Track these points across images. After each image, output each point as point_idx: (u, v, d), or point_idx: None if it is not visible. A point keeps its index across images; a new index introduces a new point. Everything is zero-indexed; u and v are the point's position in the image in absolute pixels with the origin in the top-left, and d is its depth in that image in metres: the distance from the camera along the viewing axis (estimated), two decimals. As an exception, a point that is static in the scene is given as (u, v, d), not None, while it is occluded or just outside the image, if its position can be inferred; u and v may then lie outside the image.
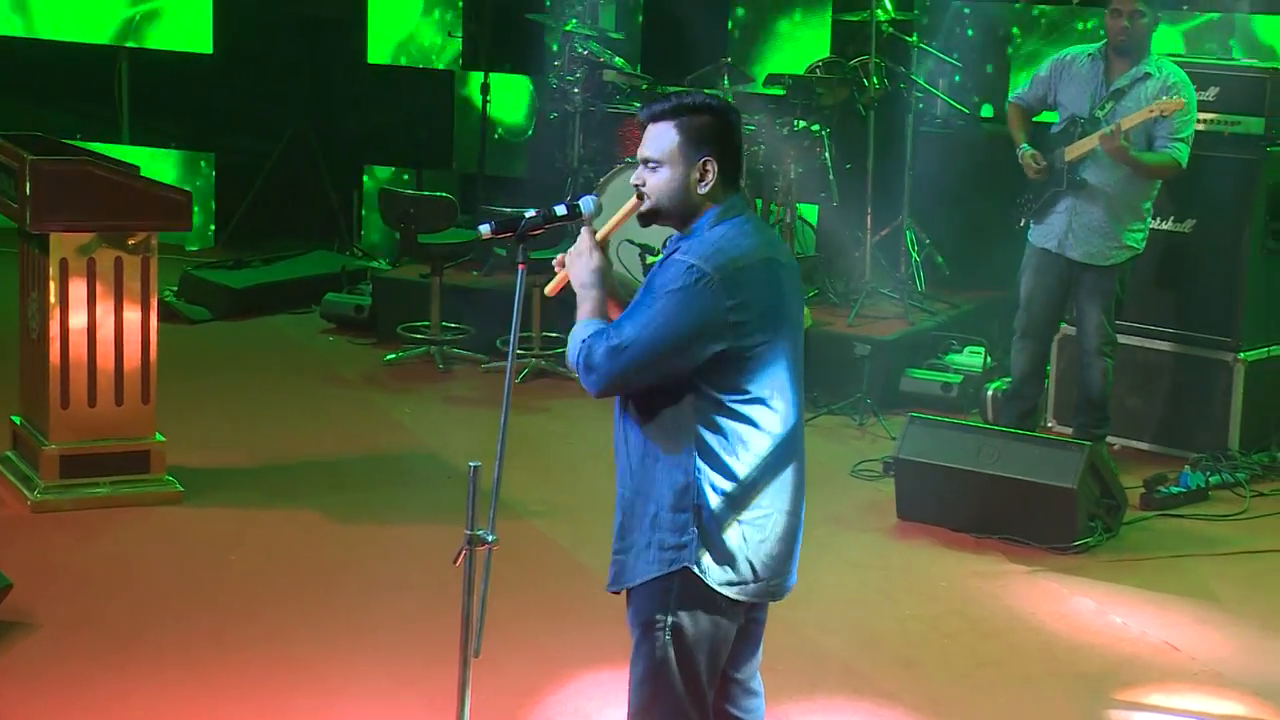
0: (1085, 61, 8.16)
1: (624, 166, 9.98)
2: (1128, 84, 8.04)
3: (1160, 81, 8.00)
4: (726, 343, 4.21)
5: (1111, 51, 8.10)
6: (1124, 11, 8.01)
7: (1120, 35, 8.03)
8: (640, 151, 4.38)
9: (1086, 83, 8.13)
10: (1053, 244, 8.18)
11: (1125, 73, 8.05)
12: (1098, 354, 8.22)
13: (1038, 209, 8.24)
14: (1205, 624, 6.75)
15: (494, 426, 8.93)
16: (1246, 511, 7.98)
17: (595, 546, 7.29)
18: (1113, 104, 8.02)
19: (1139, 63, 8.05)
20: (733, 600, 4.35)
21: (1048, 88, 8.28)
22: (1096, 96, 8.08)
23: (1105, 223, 8.09)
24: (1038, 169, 8.12)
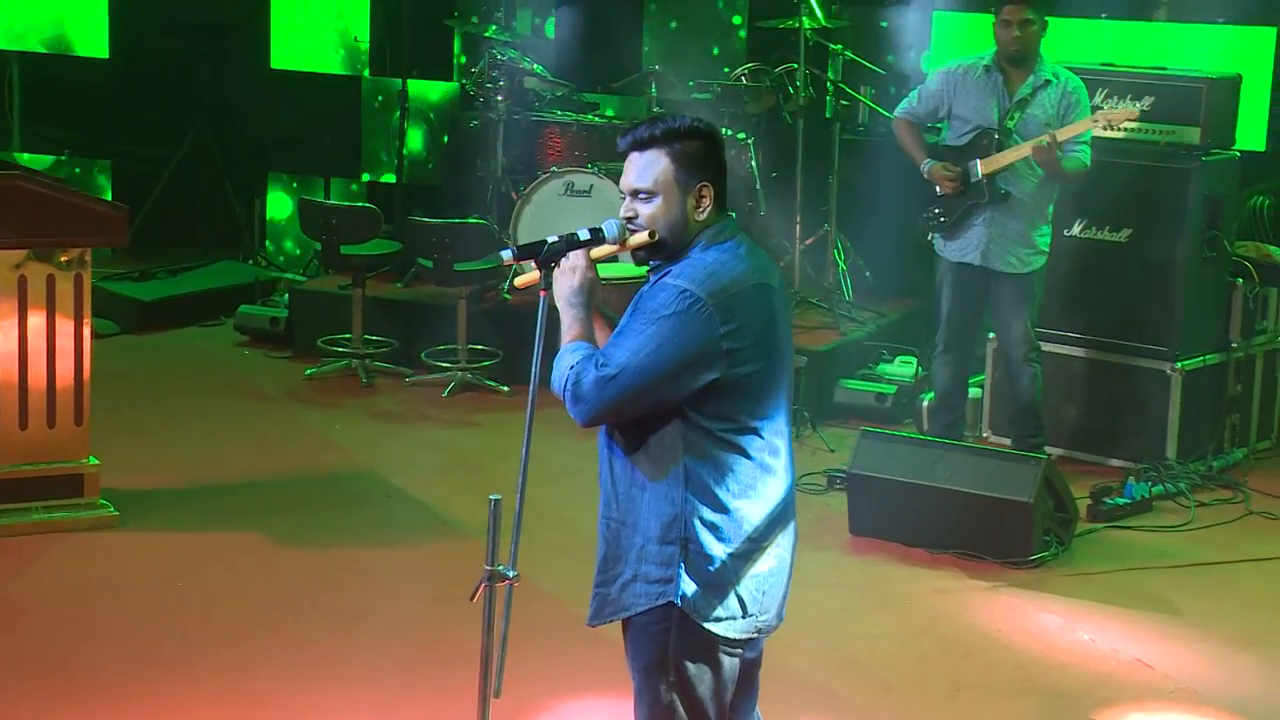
0: (980, 72, 8.13)
1: (549, 176, 9.87)
2: (1029, 93, 8.03)
3: (1061, 88, 8.02)
4: (720, 371, 4.08)
5: (1005, 61, 8.08)
6: (1014, 20, 8.00)
7: (1013, 44, 8.02)
8: (626, 181, 4.21)
9: (987, 94, 8.10)
10: (973, 257, 8.16)
11: (1024, 81, 8.04)
12: (1025, 361, 8.22)
13: (952, 223, 8.20)
14: (1171, 639, 6.74)
15: (427, 442, 9.00)
16: (1191, 522, 8.00)
17: (553, 571, 7.21)
18: (1019, 114, 8.02)
19: (1035, 70, 8.05)
20: (729, 637, 4.24)
21: (940, 101, 8.23)
22: (1002, 108, 8.06)
23: (1023, 231, 8.10)
24: (954, 182, 8.09)
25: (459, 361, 9.73)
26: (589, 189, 9.78)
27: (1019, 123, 8.01)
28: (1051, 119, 7.97)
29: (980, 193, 8.06)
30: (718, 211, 4.22)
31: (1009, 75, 8.08)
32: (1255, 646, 6.70)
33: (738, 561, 4.20)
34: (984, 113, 8.10)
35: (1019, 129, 8.00)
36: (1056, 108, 7.97)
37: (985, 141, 8.07)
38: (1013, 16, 7.99)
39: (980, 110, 8.11)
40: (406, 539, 7.57)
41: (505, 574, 4.34)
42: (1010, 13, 8.00)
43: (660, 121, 4.21)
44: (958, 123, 8.19)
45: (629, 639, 4.30)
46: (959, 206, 8.14)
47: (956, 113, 8.18)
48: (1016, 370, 8.26)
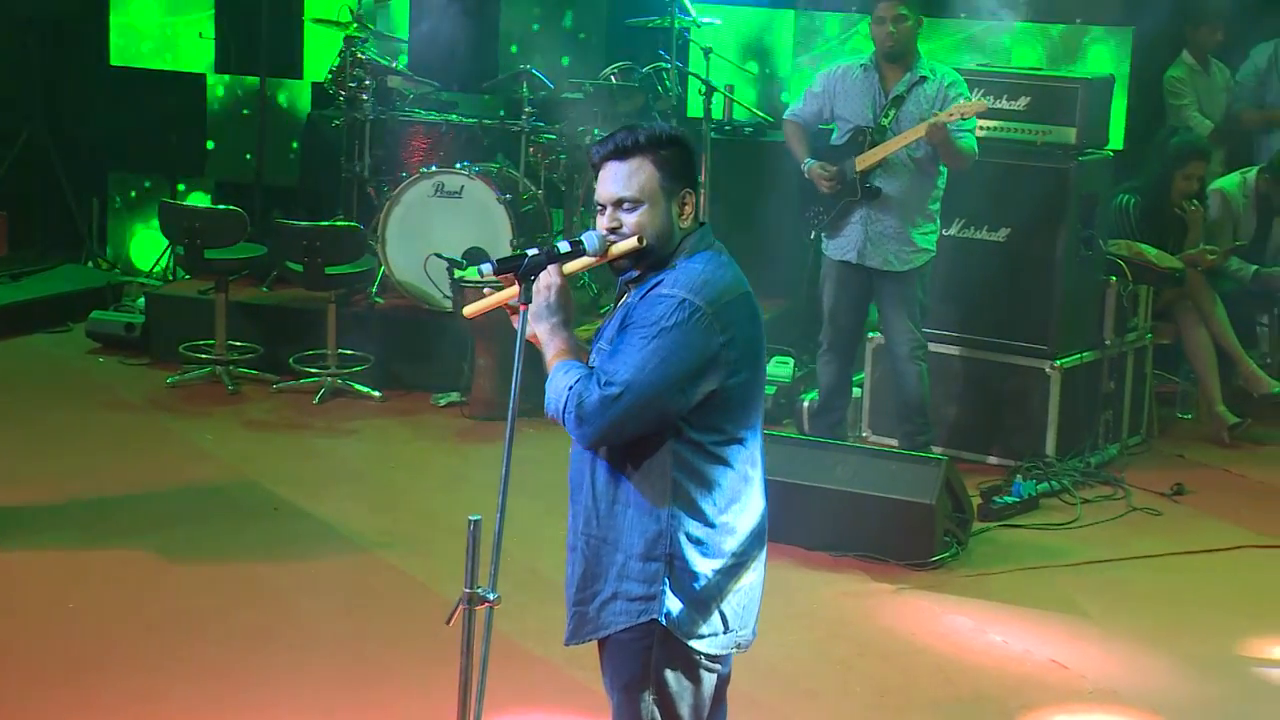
0: (859, 73, 8.17)
1: (419, 177, 9.70)
2: (905, 90, 8.08)
3: (938, 83, 8.08)
4: (718, 381, 4.03)
5: (882, 59, 8.13)
6: (888, 18, 8.05)
7: (888, 41, 8.07)
8: (608, 191, 4.11)
9: (864, 93, 8.14)
10: (851, 255, 8.19)
11: (900, 79, 8.09)
12: (910, 360, 8.26)
13: (831, 221, 8.22)
14: (1080, 639, 6.79)
15: (305, 451, 8.81)
16: (1078, 520, 8.08)
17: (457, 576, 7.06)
18: (895, 111, 8.06)
19: (911, 67, 8.10)
20: (711, 653, 4.18)
21: (823, 102, 8.27)
22: (877, 106, 8.10)
23: (899, 228, 8.13)
24: (830, 181, 8.11)
25: (329, 367, 9.54)
26: (460, 190, 9.63)
27: (893, 120, 8.04)
28: (928, 114, 8.00)
29: (854, 190, 8.08)
30: (695, 218, 4.15)
31: (885, 73, 8.11)
32: (1162, 645, 6.78)
33: (721, 577, 4.14)
34: (861, 112, 8.12)
35: (893, 126, 8.03)
36: (934, 103, 8.02)
37: (861, 140, 8.10)
38: (886, 13, 8.03)
39: (858, 110, 8.13)
40: (304, 553, 7.38)
41: (485, 596, 4.19)
42: (884, 10, 8.04)
43: (639, 129, 4.13)
44: (840, 123, 8.22)
45: (607, 657, 4.22)
46: (836, 205, 8.17)
47: (838, 113, 8.21)
48: (902, 368, 8.29)
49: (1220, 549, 7.81)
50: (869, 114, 8.07)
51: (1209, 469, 8.91)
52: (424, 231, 9.64)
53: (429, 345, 9.65)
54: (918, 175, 8.05)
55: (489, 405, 9.23)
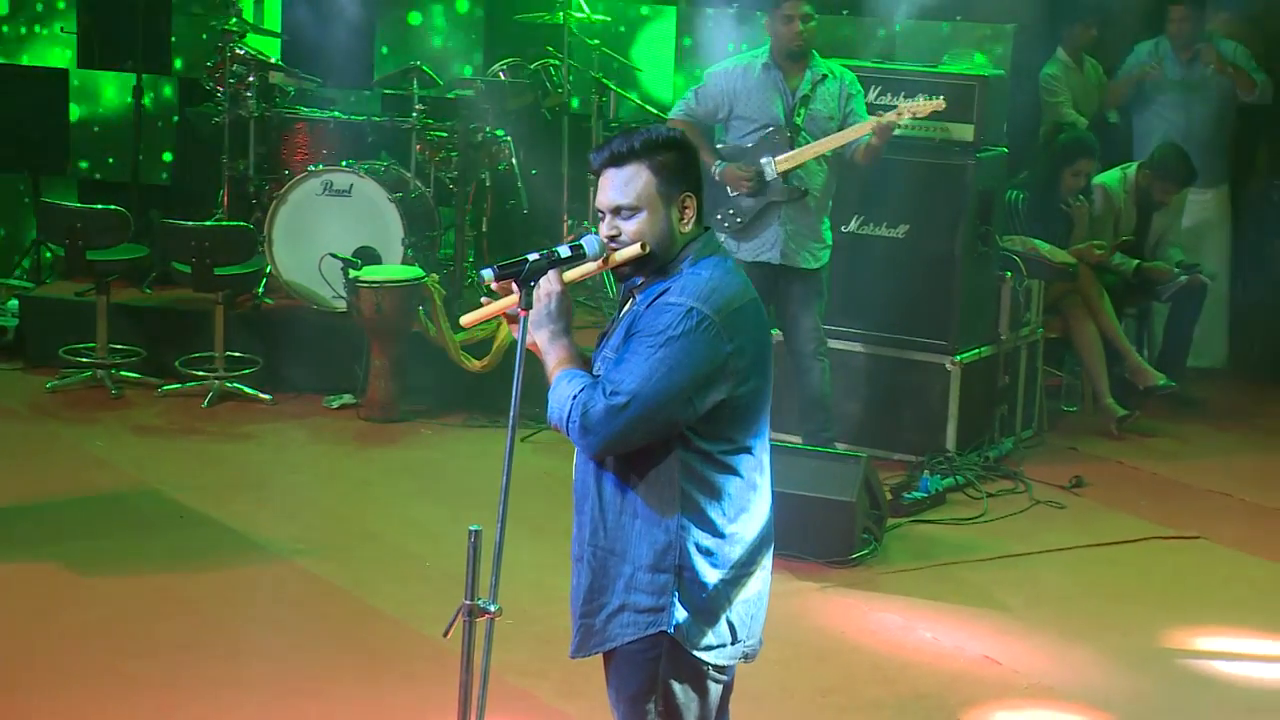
0: (760, 71, 8.12)
1: (306, 175, 9.54)
2: (810, 88, 8.08)
3: (839, 81, 8.11)
4: (727, 390, 3.98)
5: (783, 57, 8.10)
6: (796, 15, 8.04)
7: (796, 40, 8.05)
8: (608, 199, 4.05)
9: (770, 91, 8.10)
10: (773, 255, 8.14)
11: (803, 77, 8.09)
12: (814, 357, 8.26)
13: (747, 223, 8.18)
14: (1007, 634, 6.85)
15: (201, 456, 8.62)
16: (985, 514, 8.15)
17: (380, 586, 6.98)
18: (805, 109, 8.06)
19: (809, 66, 8.11)
20: (719, 664, 4.15)
21: (720, 102, 8.18)
22: (787, 104, 8.09)
23: (814, 226, 8.15)
24: (750, 182, 8.08)
25: (216, 370, 9.33)
26: (349, 188, 9.48)
27: (805, 119, 8.04)
28: (834, 113, 8.04)
29: (777, 190, 8.06)
30: (697, 223, 4.10)
31: (788, 71, 8.09)
32: (1088, 639, 6.85)
33: (729, 587, 4.10)
34: (769, 110, 8.08)
35: (806, 125, 8.04)
36: (838, 101, 8.04)
37: (777, 139, 8.07)
38: (794, 11, 8.02)
39: (764, 108, 8.09)
40: (218, 562, 7.21)
41: (486, 608, 4.10)
42: (792, 8, 8.02)
43: (635, 134, 4.07)
44: (740, 122, 8.14)
45: (614, 669, 4.16)
46: (754, 207, 8.13)
47: (739, 113, 8.13)
48: (805, 365, 8.29)
49: (1127, 541, 7.92)
50: (779, 113, 8.04)
51: (1103, 461, 9.03)
52: (312, 231, 9.48)
53: (319, 347, 9.50)
54: (829, 173, 8.08)
55: (385, 407, 9.11)
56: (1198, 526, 8.12)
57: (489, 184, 9.69)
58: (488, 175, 9.67)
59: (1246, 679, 6.61)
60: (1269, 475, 8.94)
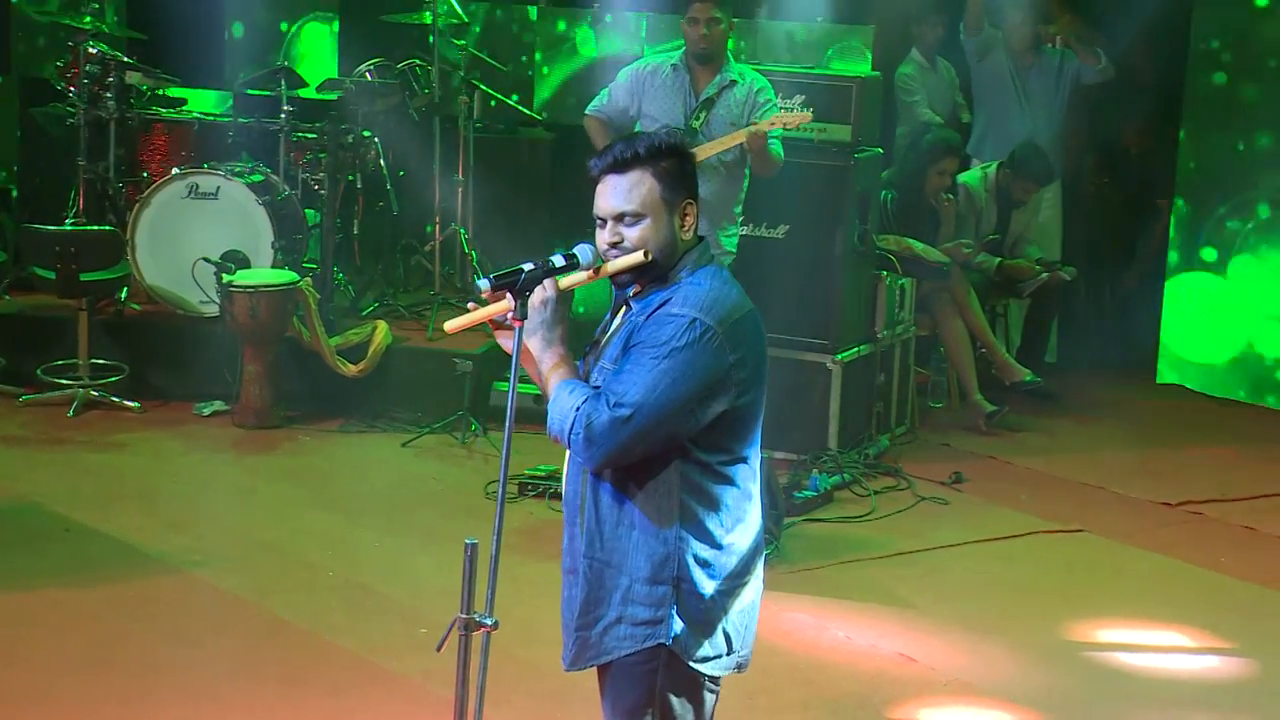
0: (669, 72, 8.16)
1: (171, 178, 9.32)
2: (716, 92, 8.11)
3: (747, 87, 8.13)
4: (728, 402, 3.97)
5: (693, 60, 8.14)
6: (702, 19, 8.06)
7: (701, 43, 8.08)
8: (609, 205, 4.01)
9: (675, 94, 8.13)
10: None
11: (711, 81, 8.11)
12: None
13: None
14: (917, 631, 6.91)
15: (76, 467, 8.44)
16: (874, 512, 8.22)
17: (285, 597, 6.85)
18: (705, 114, 8.08)
19: (721, 70, 8.13)
20: (715, 675, 4.14)
21: (630, 100, 8.22)
22: (688, 107, 8.11)
23: (709, 231, 8.14)
24: None
25: (80, 378, 9.08)
26: (215, 191, 9.29)
27: (704, 123, 8.04)
28: (737, 118, 8.04)
29: None
30: (694, 230, 4.08)
31: (696, 74, 8.10)
32: (994, 632, 6.94)
33: (725, 597, 4.08)
34: (671, 112, 8.08)
35: (704, 129, 8.03)
36: (743, 107, 8.04)
37: None
38: (701, 15, 8.02)
39: (668, 110, 8.09)
40: (113, 576, 7.00)
41: (482, 622, 4.02)
42: (699, 11, 8.02)
43: (637, 140, 4.03)
44: (647, 121, 8.14)
45: (610, 682, 4.11)
46: None
47: (646, 112, 8.14)
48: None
49: (1014, 535, 8.04)
50: (679, 115, 8.04)
51: (977, 457, 9.15)
52: (177, 235, 9.27)
53: (186, 353, 9.29)
54: (727, 179, 8.05)
55: (260, 414, 8.94)
56: (1078, 519, 8.27)
57: (359, 186, 9.56)
58: (357, 177, 9.54)
59: (1152, 670, 6.73)
60: (1135, 467, 9.13)
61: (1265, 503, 8.69)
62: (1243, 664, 6.84)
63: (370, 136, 9.72)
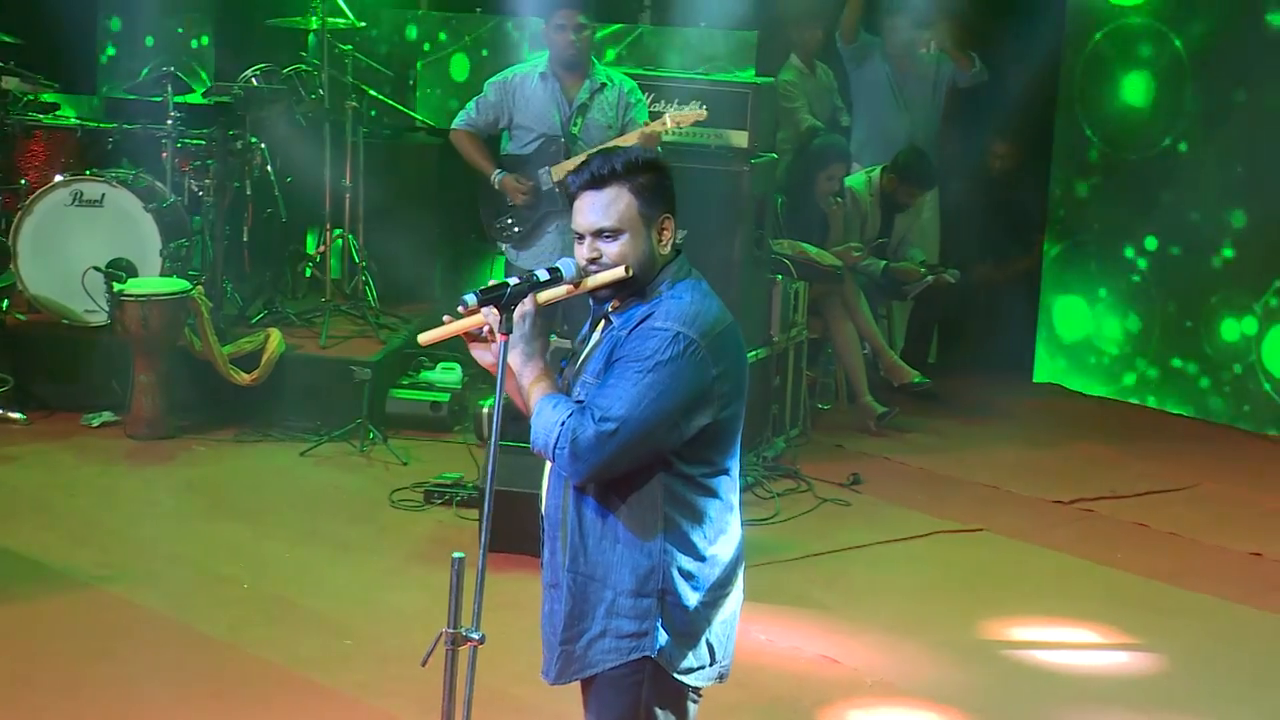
0: (536, 80, 8.19)
1: (55, 185, 9.14)
2: (588, 97, 8.16)
3: (617, 89, 8.19)
4: (712, 415, 4.00)
5: (560, 67, 8.18)
6: (569, 25, 8.12)
7: (569, 50, 8.13)
8: (588, 221, 4.02)
9: (547, 102, 8.17)
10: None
11: (581, 86, 8.16)
12: None
13: (525, 232, 8.21)
14: (836, 633, 6.97)
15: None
16: (778, 514, 8.27)
17: (202, 611, 6.76)
18: (581, 119, 8.12)
19: (588, 75, 8.18)
20: (699, 686, 4.16)
21: (499, 111, 8.26)
22: (564, 113, 8.14)
23: None
24: (525, 192, 8.11)
25: (-38, 387, 8.91)
26: (101, 198, 9.12)
27: (582, 128, 8.08)
28: (613, 121, 8.09)
29: (553, 200, 8.09)
30: (673, 245, 4.09)
31: (565, 81, 8.15)
32: (910, 633, 7.02)
33: (709, 609, 4.11)
34: (546, 120, 8.13)
35: (583, 134, 8.08)
36: (616, 110, 8.10)
37: (553, 149, 8.13)
38: (568, 21, 8.07)
39: (542, 118, 8.13)
40: (23, 593, 6.86)
41: (469, 636, 4.00)
42: (565, 17, 8.08)
43: (615, 155, 4.04)
44: (520, 132, 8.19)
45: (595, 695, 4.12)
46: (532, 216, 8.16)
47: (518, 122, 8.18)
48: (589, 376, 8.31)
49: (917, 536, 8.14)
50: (556, 122, 8.08)
51: (871, 458, 9.25)
52: (61, 243, 9.09)
53: (72, 363, 9.12)
54: None
55: (152, 424, 8.81)
56: (977, 519, 8.39)
57: (248, 192, 9.44)
58: (246, 183, 9.42)
59: (1067, 667, 6.85)
60: (1025, 466, 9.28)
61: (1153, 499, 8.88)
62: (1151, 659, 6.97)
63: (257, 142, 9.60)
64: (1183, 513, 8.66)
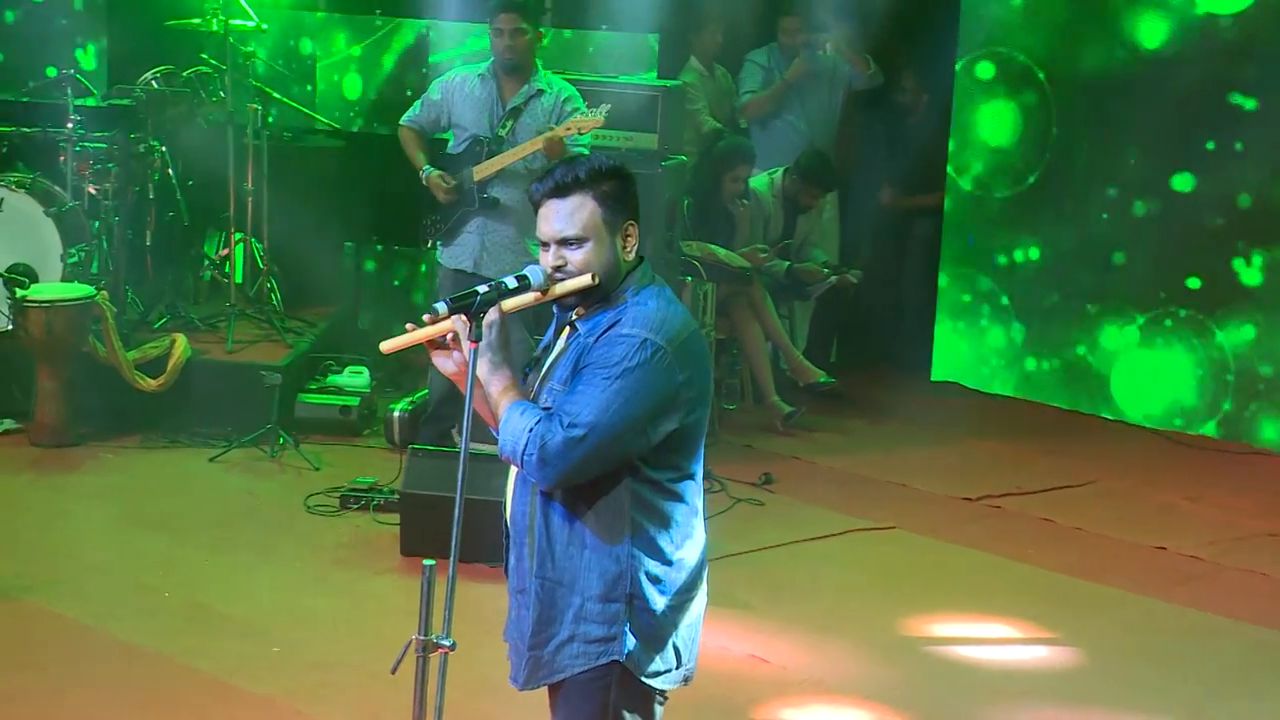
0: (476, 82, 8.23)
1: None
2: (523, 102, 8.19)
3: (554, 96, 8.21)
4: (679, 420, 4.02)
5: (500, 70, 8.21)
6: (506, 29, 8.14)
7: (507, 54, 8.16)
8: (552, 229, 4.02)
9: (483, 104, 8.20)
10: (468, 264, 8.22)
11: (518, 91, 8.19)
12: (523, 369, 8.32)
13: (447, 230, 8.24)
14: (761, 632, 7.01)
15: None
16: (695, 514, 8.30)
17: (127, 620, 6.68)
18: (512, 122, 8.15)
19: (529, 80, 8.20)
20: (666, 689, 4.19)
21: (440, 110, 8.30)
22: (495, 116, 8.17)
23: (514, 238, 8.22)
24: (447, 190, 8.13)
25: None
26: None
27: (511, 130, 8.11)
28: (544, 126, 8.11)
29: (471, 199, 8.12)
30: (637, 252, 4.11)
31: (504, 84, 8.17)
32: (834, 631, 7.09)
33: (675, 613, 4.14)
34: (479, 121, 8.16)
35: (510, 137, 8.11)
36: (550, 116, 8.11)
37: (478, 149, 8.15)
38: (506, 25, 8.08)
39: (476, 119, 8.17)
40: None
41: (440, 643, 3.99)
42: (503, 21, 8.08)
43: (579, 164, 4.05)
44: (458, 131, 8.25)
45: (563, 699, 4.14)
46: (453, 214, 8.17)
47: (456, 121, 8.22)
48: (514, 377, 8.33)
49: (833, 534, 8.20)
50: (486, 124, 8.11)
51: (780, 458, 9.31)
52: (-44, 247, 8.95)
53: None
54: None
55: (57, 432, 8.71)
56: (889, 517, 8.47)
57: (151, 196, 9.34)
58: (148, 187, 9.31)
59: (989, 662, 6.95)
60: (930, 464, 9.38)
61: (1057, 495, 9.01)
62: (1067, 653, 7.09)
63: (158, 145, 9.49)
64: (1086, 508, 8.79)
